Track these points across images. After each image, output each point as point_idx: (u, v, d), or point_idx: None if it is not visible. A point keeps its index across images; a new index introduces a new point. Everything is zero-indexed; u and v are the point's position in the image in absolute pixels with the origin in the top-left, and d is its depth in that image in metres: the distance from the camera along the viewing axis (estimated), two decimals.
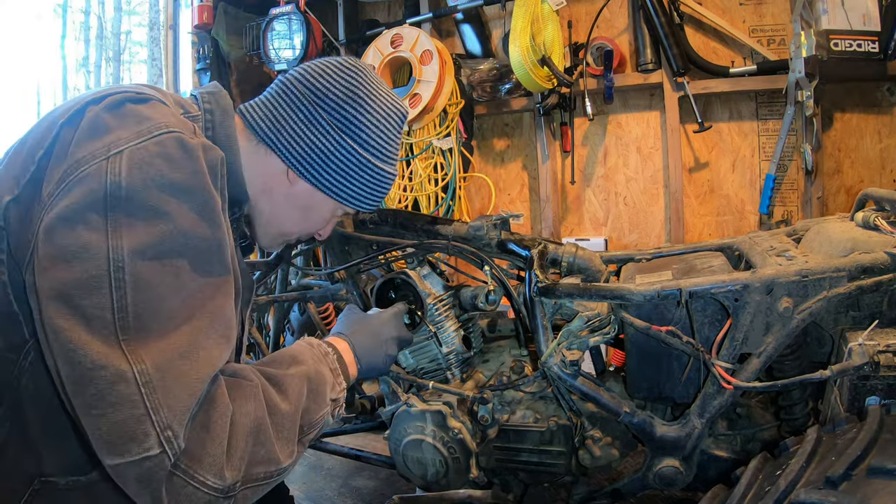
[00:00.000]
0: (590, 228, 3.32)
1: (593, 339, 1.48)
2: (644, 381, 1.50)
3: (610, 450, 1.57)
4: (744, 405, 1.57)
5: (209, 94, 1.01)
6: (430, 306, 1.59)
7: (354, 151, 1.05)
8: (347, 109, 1.04)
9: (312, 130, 1.03)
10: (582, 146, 3.25)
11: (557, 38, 2.78)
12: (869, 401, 1.18)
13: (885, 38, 2.46)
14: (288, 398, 0.87)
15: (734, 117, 2.97)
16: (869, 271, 1.27)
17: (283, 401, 0.86)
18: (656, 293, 1.38)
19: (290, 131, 1.03)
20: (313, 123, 1.03)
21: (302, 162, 1.04)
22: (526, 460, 1.62)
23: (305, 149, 1.03)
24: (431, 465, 1.58)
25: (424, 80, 2.86)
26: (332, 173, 1.05)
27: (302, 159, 1.04)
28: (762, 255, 1.46)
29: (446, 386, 1.62)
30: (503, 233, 1.67)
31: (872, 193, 1.48)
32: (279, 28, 3.23)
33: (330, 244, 1.95)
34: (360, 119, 1.05)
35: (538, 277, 1.55)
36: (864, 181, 2.79)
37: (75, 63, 13.23)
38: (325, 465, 2.62)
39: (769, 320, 1.32)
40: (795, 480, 0.92)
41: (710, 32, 2.91)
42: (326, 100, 1.03)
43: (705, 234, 3.08)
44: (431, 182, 3.07)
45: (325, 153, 1.04)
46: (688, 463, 1.45)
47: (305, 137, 1.03)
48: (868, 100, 2.75)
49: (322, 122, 1.03)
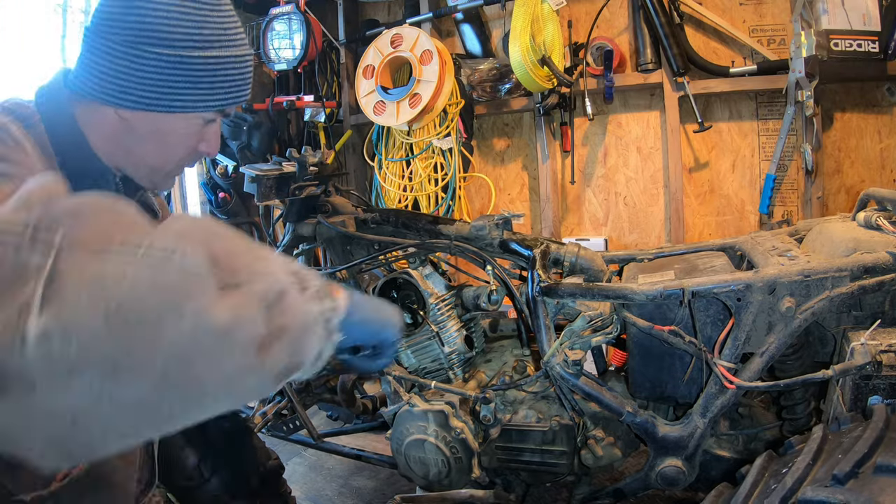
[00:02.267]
0: (590, 228, 3.32)
1: (596, 338, 1.48)
2: (646, 381, 1.50)
3: (612, 449, 1.57)
4: (746, 405, 1.57)
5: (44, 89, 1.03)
6: (432, 306, 1.59)
7: (157, 55, 0.99)
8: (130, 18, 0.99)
9: (112, 59, 0.99)
10: (582, 146, 3.25)
11: (557, 38, 2.79)
12: (871, 400, 1.18)
13: (885, 38, 2.46)
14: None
15: (734, 117, 2.97)
16: (871, 271, 1.27)
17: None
18: (659, 293, 1.38)
19: (96, 73, 1.00)
20: (110, 52, 0.99)
21: (118, 95, 1.00)
22: (528, 460, 1.62)
23: (115, 79, 1.00)
24: (433, 464, 1.58)
25: (424, 80, 2.86)
26: (150, 88, 1.00)
27: (116, 92, 1.00)
28: (764, 255, 1.46)
29: (448, 386, 1.62)
30: (505, 233, 1.67)
31: (874, 193, 1.48)
32: (279, 28, 3.23)
33: (331, 244, 1.94)
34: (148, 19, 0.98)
35: (540, 277, 1.55)
36: (864, 181, 2.80)
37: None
38: (325, 465, 2.62)
39: (771, 320, 1.33)
40: (802, 478, 0.92)
41: (710, 32, 2.92)
42: (110, 22, 0.99)
43: (705, 234, 3.09)
44: (431, 182, 3.07)
45: (131, 73, 0.99)
46: (690, 463, 1.45)
47: (110, 69, 1.00)
48: (868, 100, 2.75)
49: (114, 45, 0.99)
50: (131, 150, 1.05)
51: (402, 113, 2.92)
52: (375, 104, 3.02)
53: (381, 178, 3.21)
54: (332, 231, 1.89)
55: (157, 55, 0.98)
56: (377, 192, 3.27)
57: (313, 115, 3.37)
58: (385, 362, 0.90)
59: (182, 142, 1.08)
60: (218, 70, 1.03)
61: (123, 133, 1.03)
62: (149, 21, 0.97)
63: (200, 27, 1.00)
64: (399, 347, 1.68)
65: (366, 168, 3.53)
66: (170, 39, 0.98)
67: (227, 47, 1.04)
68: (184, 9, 0.99)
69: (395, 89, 2.99)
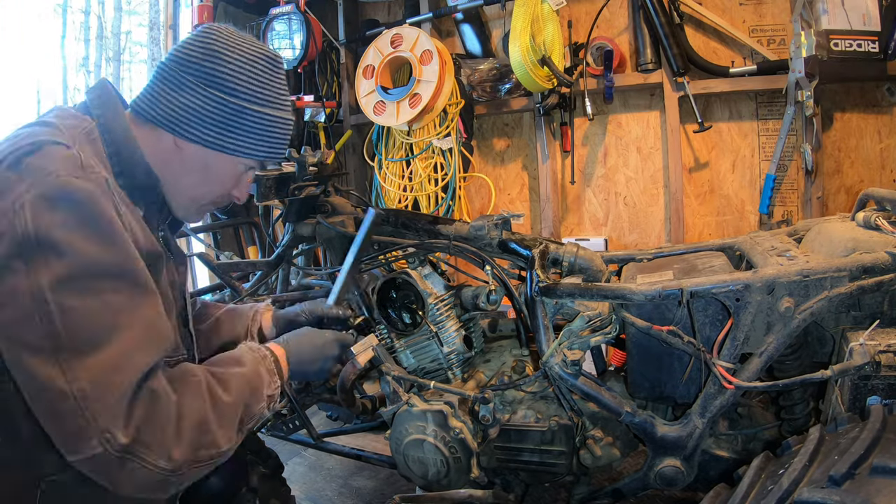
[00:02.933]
0: (590, 228, 3.32)
1: (594, 338, 1.48)
2: (645, 381, 1.50)
3: (611, 449, 1.57)
4: (745, 405, 1.57)
5: (97, 99, 1.11)
6: (431, 306, 1.59)
7: (224, 101, 1.10)
8: (206, 63, 1.10)
9: (182, 93, 1.10)
10: (582, 146, 3.25)
11: (557, 38, 2.78)
12: (870, 400, 1.18)
13: (885, 38, 2.46)
14: (230, 392, 1.05)
15: (734, 117, 2.97)
16: (870, 271, 1.27)
17: (225, 394, 1.03)
18: (658, 293, 1.38)
19: (165, 102, 1.10)
20: (182, 87, 1.10)
21: (181, 125, 1.10)
22: (527, 460, 1.62)
23: (181, 112, 1.10)
24: (432, 464, 1.58)
25: (424, 80, 2.86)
26: (210, 127, 1.11)
27: (180, 122, 1.10)
28: (763, 255, 1.46)
29: (447, 386, 1.62)
30: (504, 233, 1.67)
31: (873, 193, 1.48)
32: (279, 28, 3.23)
33: (331, 244, 1.95)
34: (222, 69, 1.10)
35: (539, 277, 1.55)
36: (864, 181, 2.79)
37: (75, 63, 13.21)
38: (325, 465, 2.62)
39: (770, 320, 1.33)
40: (798, 479, 0.92)
41: (710, 32, 2.91)
42: (188, 62, 1.10)
43: (705, 234, 3.09)
44: (431, 182, 3.07)
45: (197, 110, 1.10)
46: (689, 463, 1.45)
47: (178, 102, 1.10)
48: (868, 100, 2.75)
49: (188, 83, 1.09)
50: (178, 177, 1.15)
51: (402, 113, 2.92)
52: (375, 104, 3.02)
53: (381, 178, 3.21)
54: (332, 231, 1.89)
55: (223, 101, 1.10)
56: (377, 192, 3.27)
57: (313, 115, 3.37)
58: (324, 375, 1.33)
59: (222, 181, 1.19)
60: (270, 126, 1.16)
61: (176, 160, 1.13)
62: (222, 70, 1.10)
63: (263, 86, 1.14)
64: (399, 349, 1.68)
65: (366, 168, 3.53)
66: (237, 90, 1.11)
67: (280, 109, 1.18)
68: (253, 67, 1.13)
69: (395, 89, 2.99)
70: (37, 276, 0.85)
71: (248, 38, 1.17)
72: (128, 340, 0.90)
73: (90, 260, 0.89)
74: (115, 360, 0.88)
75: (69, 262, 0.87)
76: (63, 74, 13.17)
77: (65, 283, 0.86)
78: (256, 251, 3.25)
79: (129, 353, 0.89)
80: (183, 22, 3.60)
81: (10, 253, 0.86)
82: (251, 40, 1.17)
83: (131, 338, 0.91)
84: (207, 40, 1.12)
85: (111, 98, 1.12)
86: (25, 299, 0.85)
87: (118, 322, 0.90)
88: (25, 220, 0.86)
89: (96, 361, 0.86)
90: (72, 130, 1.02)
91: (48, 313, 0.84)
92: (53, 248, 0.86)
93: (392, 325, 1.66)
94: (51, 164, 0.92)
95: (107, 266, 0.90)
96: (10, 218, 0.87)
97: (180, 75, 1.10)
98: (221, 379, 1.06)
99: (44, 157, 0.93)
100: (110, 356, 0.87)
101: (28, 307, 0.85)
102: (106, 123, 1.08)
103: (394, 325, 1.66)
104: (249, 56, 1.14)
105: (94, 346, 0.86)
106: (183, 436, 0.93)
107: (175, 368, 1.02)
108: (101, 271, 0.90)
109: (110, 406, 0.86)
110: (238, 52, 1.13)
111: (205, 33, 1.14)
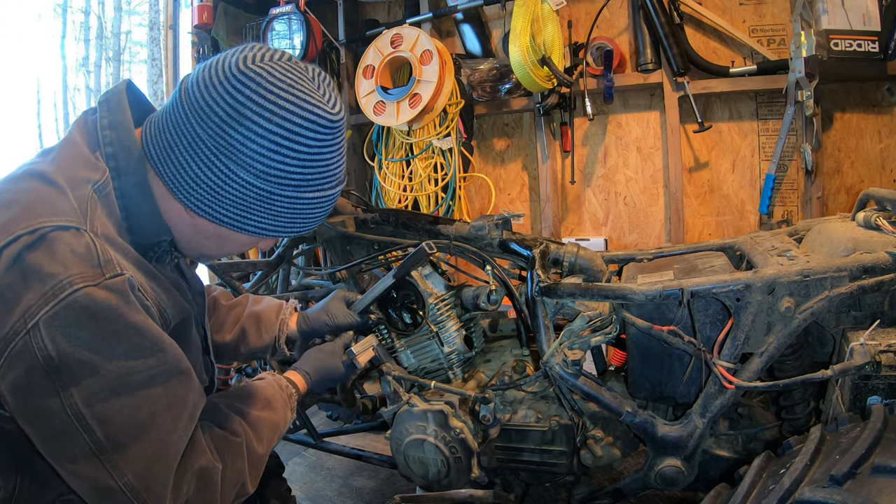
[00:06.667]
0: (590, 228, 3.32)
1: (595, 338, 1.48)
2: (646, 381, 1.50)
3: (611, 449, 1.57)
4: (745, 405, 1.57)
5: (111, 133, 0.92)
6: (431, 306, 1.59)
7: (244, 182, 0.88)
8: (231, 132, 0.86)
9: (196, 160, 0.88)
10: (582, 146, 3.25)
11: (557, 38, 2.79)
12: (870, 400, 1.18)
13: (885, 38, 2.46)
14: (262, 442, 1.10)
15: (734, 117, 2.97)
16: (870, 271, 1.27)
17: (258, 445, 1.08)
18: (658, 293, 1.38)
19: (176, 162, 0.90)
20: (197, 152, 0.88)
21: (192, 198, 0.91)
22: (527, 460, 1.62)
23: (192, 183, 0.90)
24: (433, 464, 1.58)
25: (424, 80, 2.86)
26: (228, 208, 0.92)
27: (191, 195, 0.91)
28: (764, 255, 1.46)
29: (448, 385, 1.62)
30: (505, 233, 1.67)
31: (874, 193, 1.48)
32: (279, 28, 3.23)
33: (331, 244, 1.95)
34: (251, 145, 0.86)
35: (540, 277, 1.55)
36: (864, 181, 2.79)
37: (75, 63, 13.20)
38: (325, 465, 2.62)
39: (771, 320, 1.33)
40: (800, 478, 0.92)
41: (710, 32, 2.91)
42: (209, 120, 0.86)
43: (705, 234, 3.09)
44: (431, 182, 3.07)
45: (212, 186, 0.89)
46: (689, 463, 1.45)
47: (190, 169, 0.89)
48: (868, 100, 2.75)
49: (204, 149, 0.87)
50: (190, 238, 1.01)
51: (402, 113, 2.92)
52: (375, 104, 3.02)
53: (381, 178, 3.21)
54: (332, 231, 1.89)
55: (244, 182, 0.89)
56: (377, 192, 3.27)
57: None
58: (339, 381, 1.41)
59: (239, 248, 1.08)
60: (304, 209, 0.95)
61: (186, 221, 0.97)
62: (251, 147, 0.86)
63: (303, 167, 0.90)
64: (399, 349, 1.68)
65: (366, 168, 3.53)
66: (265, 173, 0.88)
67: (322, 189, 0.94)
68: (296, 143, 0.88)
69: (395, 89, 2.99)
70: (69, 396, 0.82)
71: (299, 88, 0.88)
72: (166, 427, 0.89)
73: (122, 370, 0.85)
74: (156, 448, 0.88)
75: (100, 378, 0.83)
76: (63, 74, 13.17)
77: (99, 396, 0.84)
78: (256, 251, 3.25)
79: (168, 438, 0.89)
80: (183, 22, 3.59)
81: (33, 374, 0.80)
82: (302, 91, 0.88)
83: (169, 422, 0.90)
84: (240, 97, 0.85)
85: (127, 133, 0.93)
86: (62, 416, 0.82)
87: (154, 411, 0.88)
88: (44, 343, 0.79)
89: (138, 452, 0.86)
90: (80, 190, 0.87)
91: (88, 427, 0.83)
92: (82, 368, 0.82)
93: (392, 325, 1.66)
94: (62, 269, 0.79)
95: (138, 369, 0.87)
96: (24, 337, 0.78)
97: (197, 136, 0.87)
98: (256, 428, 1.09)
99: (52, 256, 0.79)
100: (150, 445, 0.88)
101: (66, 422, 0.82)
102: (120, 175, 0.92)
103: (394, 325, 1.66)
104: (293, 125, 0.87)
105: (133, 438, 0.86)
106: (226, 500, 0.99)
107: (218, 431, 1.03)
108: (133, 375, 0.86)
109: (156, 493, 0.88)
110: (279, 118, 0.86)
111: (239, 79, 0.86)
